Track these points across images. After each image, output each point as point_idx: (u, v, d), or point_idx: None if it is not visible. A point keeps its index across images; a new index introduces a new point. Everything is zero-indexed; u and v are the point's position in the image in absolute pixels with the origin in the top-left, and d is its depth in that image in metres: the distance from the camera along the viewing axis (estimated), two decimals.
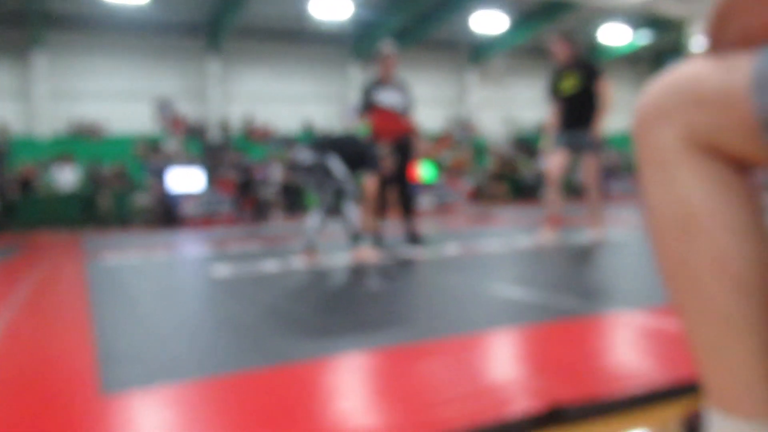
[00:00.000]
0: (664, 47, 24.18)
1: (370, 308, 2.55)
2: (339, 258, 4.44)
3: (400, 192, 5.33)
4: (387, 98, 5.20)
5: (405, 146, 5.25)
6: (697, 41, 19.84)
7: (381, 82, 5.25)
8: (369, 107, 5.19)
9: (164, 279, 4.00)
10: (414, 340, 1.87)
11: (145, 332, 2.27)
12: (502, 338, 1.95)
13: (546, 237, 4.94)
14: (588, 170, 4.84)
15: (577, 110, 4.80)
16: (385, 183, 5.30)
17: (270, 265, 4.26)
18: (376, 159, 4.39)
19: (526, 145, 22.02)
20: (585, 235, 5.15)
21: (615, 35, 21.16)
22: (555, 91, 4.98)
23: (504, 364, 1.76)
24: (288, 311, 2.56)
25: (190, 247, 6.80)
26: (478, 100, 22.95)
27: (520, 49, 23.01)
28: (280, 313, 2.52)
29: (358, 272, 3.83)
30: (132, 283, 3.90)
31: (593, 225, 4.91)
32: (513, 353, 1.86)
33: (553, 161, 4.95)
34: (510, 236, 5.72)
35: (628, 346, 1.85)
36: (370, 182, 4.50)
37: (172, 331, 2.28)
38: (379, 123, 5.17)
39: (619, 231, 5.65)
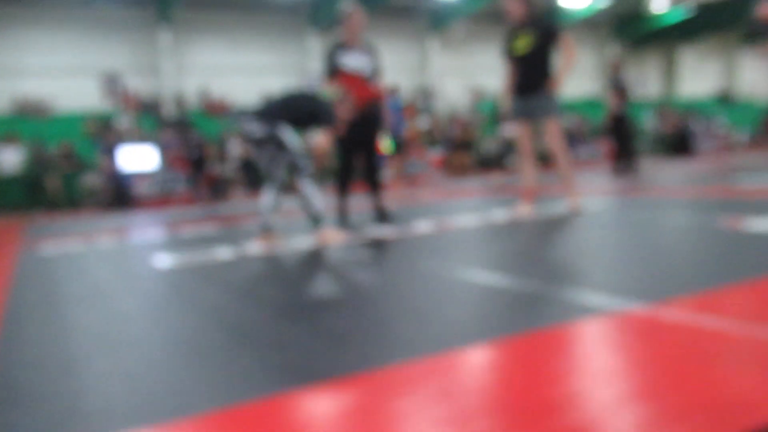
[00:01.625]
0: (624, 11, 24.06)
1: (334, 311, 2.19)
2: (299, 241, 4.06)
3: (366, 164, 4.95)
4: (353, 62, 4.77)
5: (372, 114, 4.85)
6: (658, 4, 19.73)
7: (346, 44, 4.81)
8: (334, 72, 4.75)
9: (101, 272, 3.56)
10: (390, 362, 1.51)
11: (55, 355, 1.87)
12: (502, 353, 1.61)
13: (523, 210, 4.66)
14: (551, 136, 4.55)
15: (531, 71, 4.52)
16: (350, 153, 4.91)
17: (223, 252, 3.85)
18: (330, 113, 3.93)
19: (491, 112, 21.76)
20: (561, 206, 4.88)
21: None
22: (509, 51, 4.67)
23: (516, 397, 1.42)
24: (235, 316, 2.19)
25: (138, 232, 6.31)
26: (440, 68, 22.51)
27: (481, 15, 22.58)
28: (226, 319, 2.15)
29: (319, 259, 3.46)
30: (63, 279, 3.45)
31: (567, 194, 4.64)
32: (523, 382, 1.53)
33: (518, 132, 4.68)
34: (484, 210, 5.41)
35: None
36: (323, 138, 3.99)
37: (89, 350, 1.88)
38: (345, 89, 4.73)
39: (593, 200, 5.40)
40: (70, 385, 1.49)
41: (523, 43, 4.52)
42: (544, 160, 11.89)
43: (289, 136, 3.88)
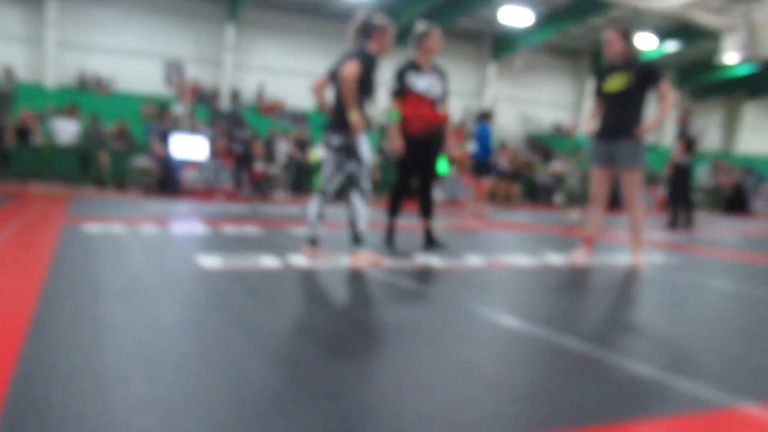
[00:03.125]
0: (691, 58, 23.45)
1: (388, 354, 2.03)
2: (344, 258, 3.92)
3: (422, 186, 4.79)
4: (422, 83, 4.61)
5: (436, 137, 4.69)
6: (728, 56, 19.18)
7: (418, 65, 4.67)
8: (402, 91, 4.61)
9: (143, 264, 3.49)
10: None
11: (87, 367, 1.76)
12: None
13: (580, 255, 4.44)
14: (630, 186, 4.28)
15: (621, 113, 4.22)
16: (408, 173, 4.76)
17: (268, 260, 3.74)
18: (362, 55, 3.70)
19: (542, 145, 21.43)
20: (622, 258, 4.63)
21: (642, 40, 20.40)
22: (599, 90, 4.41)
23: None
24: (283, 346, 2.05)
25: (182, 223, 6.28)
26: (496, 94, 22.30)
27: (543, 47, 22.31)
28: (273, 349, 2.02)
29: (367, 283, 3.32)
30: (104, 264, 3.38)
31: (632, 248, 4.38)
32: None
33: (595, 181, 4.43)
34: (537, 248, 5.19)
35: None
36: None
37: (124, 366, 1.77)
38: (411, 110, 4.59)
39: (654, 253, 5.12)
40: (98, 407, 1.37)
41: (618, 82, 4.25)
42: (614, 203, 11.60)
43: (365, 148, 3.78)
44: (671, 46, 21.13)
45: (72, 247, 3.94)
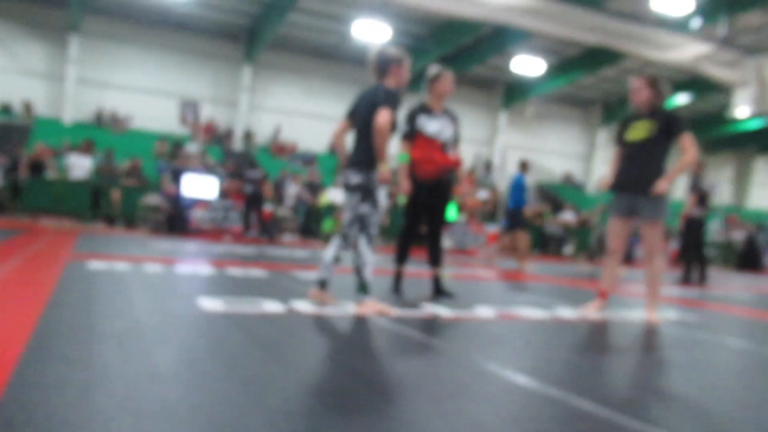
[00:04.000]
0: (703, 111, 23.55)
1: (394, 412, 1.92)
2: (350, 306, 3.81)
3: (431, 233, 4.70)
4: (433, 127, 4.56)
5: (446, 182, 4.62)
6: (740, 110, 19.27)
7: (429, 108, 4.64)
8: (412, 134, 4.56)
9: (143, 304, 3.40)
10: None
11: (69, 413, 1.67)
12: None
13: (592, 309, 4.31)
14: (652, 240, 4.16)
15: (643, 163, 4.12)
16: (416, 219, 4.69)
17: (271, 305, 3.64)
18: (387, 97, 3.63)
19: (551, 195, 21.39)
20: (636, 314, 4.49)
21: None
22: (621, 139, 4.33)
23: None
24: (283, 401, 1.94)
25: (188, 264, 6.20)
26: (507, 142, 22.42)
27: (554, 97, 22.53)
28: (271, 404, 1.91)
29: (371, 333, 3.21)
30: (103, 303, 3.30)
31: (648, 304, 4.24)
32: None
33: (613, 234, 4.32)
34: (548, 301, 5.06)
35: None
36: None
37: (110, 414, 1.67)
38: (421, 154, 4.53)
39: (668, 309, 4.97)
40: None
41: (641, 131, 4.15)
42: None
43: (382, 194, 3.71)
44: (683, 99, 21.26)
45: (73, 284, 3.86)
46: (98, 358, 2.12)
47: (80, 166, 13.73)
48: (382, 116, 3.52)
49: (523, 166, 9.25)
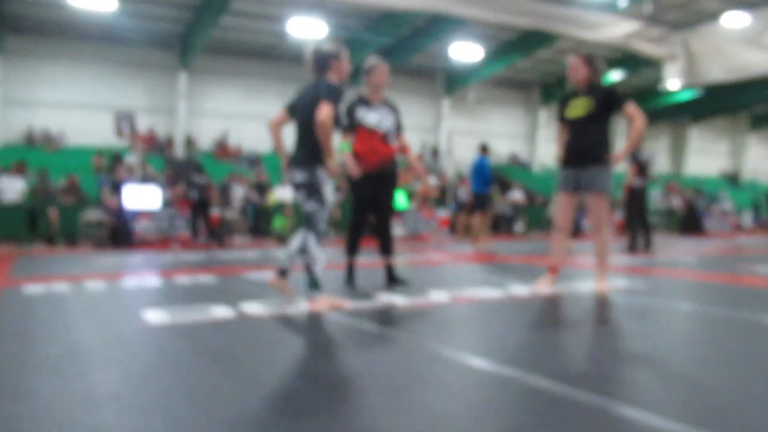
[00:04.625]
0: (637, 86, 24.30)
1: (344, 411, 1.86)
2: (299, 305, 3.73)
3: (379, 223, 4.65)
4: (372, 118, 4.52)
5: (389, 172, 4.58)
6: (671, 82, 19.93)
7: (367, 99, 4.59)
8: (352, 126, 4.51)
9: (82, 325, 3.23)
10: None
11: None
12: None
13: (544, 284, 4.35)
14: (597, 211, 4.22)
15: (586, 138, 4.17)
16: (363, 210, 4.64)
17: (220, 311, 3.52)
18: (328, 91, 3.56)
19: (499, 176, 21.68)
20: (586, 286, 4.56)
21: None
22: (563, 115, 4.37)
23: None
24: (228, 411, 1.86)
25: (131, 277, 5.97)
26: (452, 128, 22.60)
27: (494, 80, 22.81)
28: (217, 415, 1.82)
29: (323, 329, 3.13)
30: (39, 328, 3.12)
31: (599, 274, 4.30)
32: None
33: (561, 209, 4.35)
34: (501, 280, 5.09)
35: None
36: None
37: None
38: (362, 146, 4.48)
39: (617, 279, 5.07)
40: None
41: (581, 108, 4.21)
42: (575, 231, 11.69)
43: (329, 190, 3.64)
44: (617, 75, 21.86)
45: (5, 312, 3.64)
46: (29, 387, 1.98)
47: (12, 188, 13.11)
48: (324, 111, 3.46)
49: (484, 149, 9.36)
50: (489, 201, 9.55)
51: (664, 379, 2.09)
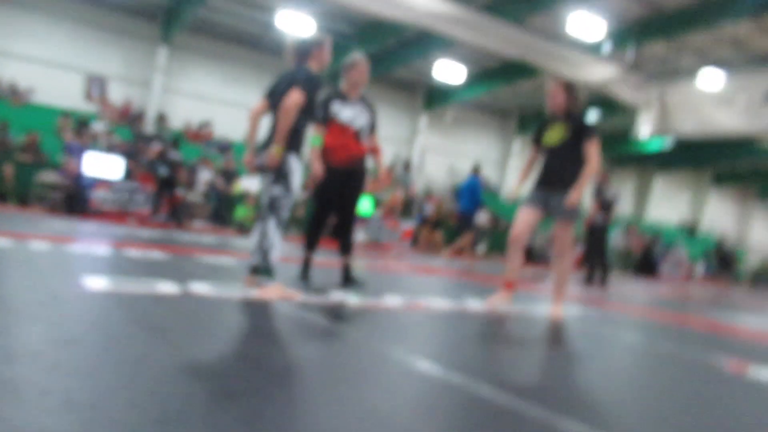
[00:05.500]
0: (610, 128, 24.88)
1: (284, 395, 1.78)
2: (249, 290, 3.62)
3: (340, 222, 4.57)
4: (346, 114, 4.45)
5: (356, 171, 4.50)
6: (642, 130, 20.46)
7: (344, 95, 4.52)
8: (325, 120, 4.42)
9: (19, 282, 3.06)
10: None
11: None
12: None
13: (498, 301, 4.32)
14: (563, 240, 4.23)
15: (560, 167, 4.19)
16: (325, 207, 4.56)
17: (166, 286, 3.39)
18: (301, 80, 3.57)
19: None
20: (541, 308, 4.56)
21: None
22: (538, 140, 4.38)
23: None
24: (157, 384, 1.76)
25: (80, 243, 5.75)
26: (425, 144, 22.69)
27: (474, 104, 23.04)
28: (145, 387, 1.72)
29: (272, 316, 3.04)
30: None
31: (554, 300, 4.30)
32: None
33: (521, 219, 4.32)
34: (456, 293, 5.06)
35: None
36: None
37: None
38: (333, 140, 4.41)
39: (571, 307, 5.10)
40: None
41: (556, 135, 4.22)
42: (535, 257, 11.77)
43: (297, 177, 3.59)
44: (591, 116, 22.35)
45: None
46: None
47: None
48: (292, 97, 3.45)
49: (476, 170, 9.48)
50: (473, 221, 9.67)
51: (607, 399, 2.06)
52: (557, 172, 4.20)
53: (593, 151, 4.14)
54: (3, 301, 2.46)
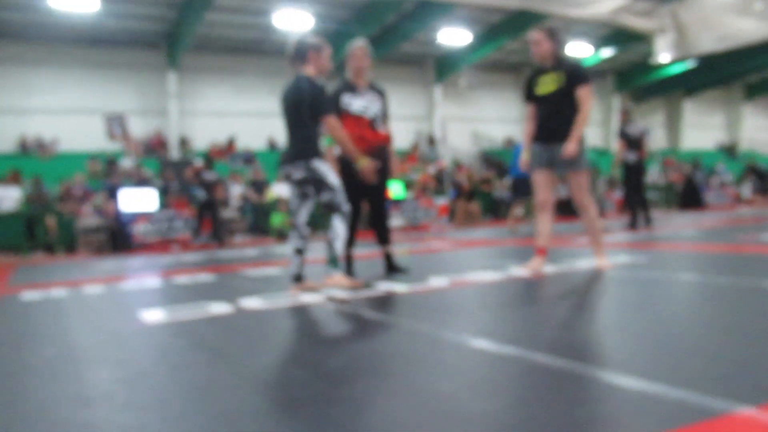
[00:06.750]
0: (628, 62, 24.18)
1: (347, 406, 1.82)
2: (303, 296, 3.70)
3: (373, 213, 4.61)
4: (358, 104, 4.45)
5: (379, 159, 4.51)
6: (661, 57, 19.81)
7: (352, 85, 4.52)
8: (338, 114, 4.44)
9: (79, 327, 3.20)
10: None
11: None
12: None
13: (534, 266, 4.24)
14: (578, 189, 4.14)
15: (557, 115, 4.08)
16: (355, 200, 4.59)
17: (218, 307, 3.49)
18: (321, 100, 3.79)
19: (495, 161, 21.62)
20: (586, 262, 4.52)
21: (578, 49, 20.94)
22: (531, 92, 4.26)
23: None
24: (225, 404, 1.82)
25: (130, 279, 5.94)
26: (445, 115, 22.48)
27: (485, 64, 22.68)
28: (216, 409, 1.79)
29: (310, 326, 3.11)
30: (35, 331, 3.08)
31: (595, 251, 4.26)
32: None
33: (539, 184, 4.24)
34: (500, 263, 5.06)
35: None
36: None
37: None
38: (349, 133, 4.42)
39: (619, 254, 5.04)
40: None
41: (549, 84, 4.11)
42: (563, 210, 11.63)
43: (329, 172, 3.74)
44: (607, 53, 21.76)
45: (3, 319, 3.61)
46: (23, 390, 1.95)
47: (8, 197, 13.04)
48: (330, 124, 3.69)
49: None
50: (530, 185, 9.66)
51: (666, 348, 2.05)
52: (557, 122, 4.09)
53: (585, 96, 4.03)
54: (70, 348, 2.58)
